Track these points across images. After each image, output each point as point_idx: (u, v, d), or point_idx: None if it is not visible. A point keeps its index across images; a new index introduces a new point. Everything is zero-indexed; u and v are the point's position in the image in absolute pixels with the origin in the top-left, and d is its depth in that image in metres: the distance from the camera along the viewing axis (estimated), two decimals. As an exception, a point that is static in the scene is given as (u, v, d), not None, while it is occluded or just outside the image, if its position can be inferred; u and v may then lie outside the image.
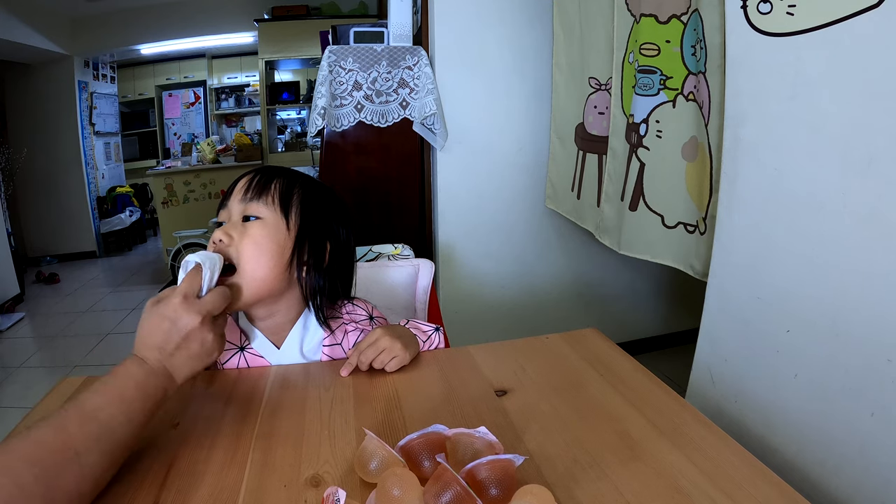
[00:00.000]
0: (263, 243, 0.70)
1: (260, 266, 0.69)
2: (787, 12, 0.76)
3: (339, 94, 1.72)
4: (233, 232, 0.70)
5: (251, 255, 0.69)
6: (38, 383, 2.28)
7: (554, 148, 1.79)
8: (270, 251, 0.70)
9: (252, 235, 0.70)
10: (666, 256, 1.27)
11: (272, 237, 0.71)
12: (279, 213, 0.72)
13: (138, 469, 0.54)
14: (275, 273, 0.71)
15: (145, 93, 5.42)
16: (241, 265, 0.68)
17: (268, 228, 0.71)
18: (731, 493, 0.48)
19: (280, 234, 0.72)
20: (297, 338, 0.78)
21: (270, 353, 0.77)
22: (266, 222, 0.71)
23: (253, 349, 0.77)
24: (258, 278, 0.69)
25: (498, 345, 0.80)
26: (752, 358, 0.90)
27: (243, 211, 0.72)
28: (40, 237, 4.34)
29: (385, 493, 0.44)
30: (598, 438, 0.57)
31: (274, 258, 0.71)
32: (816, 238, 0.76)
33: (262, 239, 0.70)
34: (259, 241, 0.70)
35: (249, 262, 0.69)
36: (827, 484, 0.77)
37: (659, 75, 1.18)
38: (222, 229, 0.70)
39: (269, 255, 0.70)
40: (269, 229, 0.71)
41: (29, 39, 3.65)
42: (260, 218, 0.71)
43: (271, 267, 0.70)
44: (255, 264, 0.69)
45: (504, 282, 2.00)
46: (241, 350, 0.77)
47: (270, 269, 0.70)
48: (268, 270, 0.70)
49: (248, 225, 0.71)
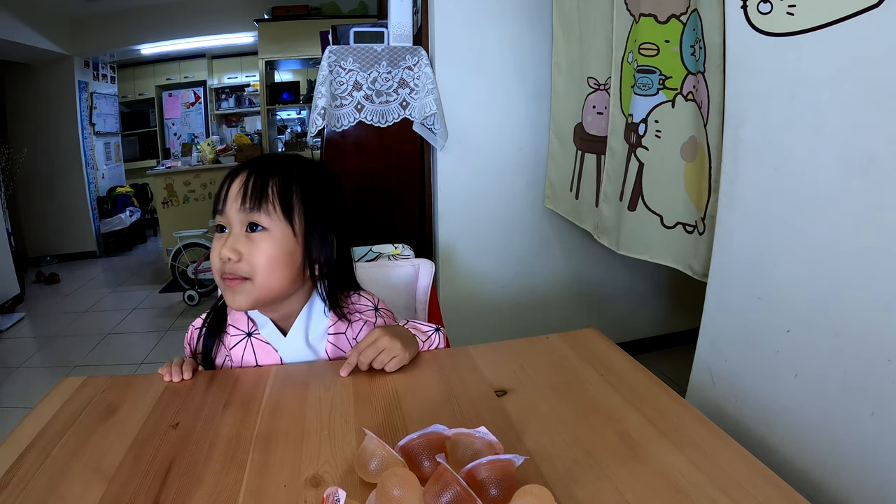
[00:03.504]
0: (275, 256, 0.71)
1: (275, 278, 0.71)
2: (788, 12, 0.76)
3: (339, 94, 1.72)
4: (240, 247, 0.70)
5: (264, 268, 0.70)
6: (38, 383, 2.28)
7: (553, 148, 1.79)
8: (282, 262, 0.71)
9: (262, 250, 0.70)
10: (665, 256, 1.27)
11: (281, 247, 0.71)
12: (284, 221, 0.72)
13: (138, 469, 0.54)
14: (289, 279, 0.73)
15: (145, 93, 5.42)
16: (256, 278, 0.70)
17: (275, 240, 0.71)
18: (731, 493, 0.48)
19: (288, 242, 0.72)
20: (303, 326, 0.79)
21: (277, 339, 0.78)
22: (272, 234, 0.71)
23: (260, 335, 0.78)
24: (274, 288, 0.72)
25: (498, 345, 0.80)
26: (752, 358, 0.90)
27: (245, 220, 0.71)
28: (40, 237, 4.34)
29: (385, 493, 0.44)
30: (598, 438, 0.57)
31: (287, 267, 0.72)
32: (816, 238, 0.76)
33: (273, 251, 0.71)
34: (270, 255, 0.70)
35: (263, 275, 0.70)
36: (827, 484, 0.77)
37: (658, 75, 1.18)
38: (228, 245, 0.70)
39: (281, 266, 0.71)
40: (277, 241, 0.71)
41: (29, 39, 3.65)
42: (265, 229, 0.71)
43: (285, 275, 0.72)
44: (269, 276, 0.71)
45: (504, 282, 2.00)
46: (248, 336, 0.78)
47: (284, 276, 0.72)
48: (282, 279, 0.72)
49: (255, 238, 0.71)
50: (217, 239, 0.74)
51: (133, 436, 0.60)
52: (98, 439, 0.59)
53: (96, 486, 0.51)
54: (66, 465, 0.55)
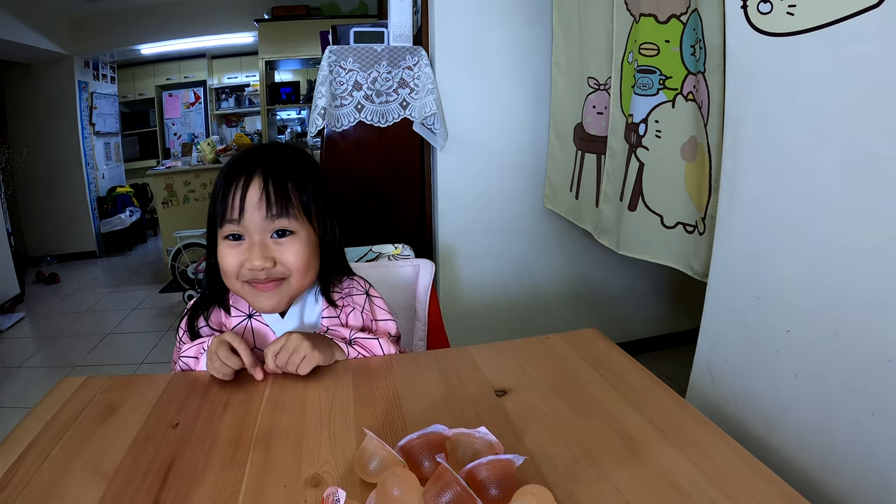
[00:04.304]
0: (307, 256, 0.74)
1: (309, 277, 0.76)
2: (788, 12, 0.76)
3: (340, 94, 1.72)
4: (271, 254, 0.72)
5: (300, 269, 0.73)
6: (38, 383, 2.28)
7: (553, 148, 1.79)
8: (313, 258, 0.76)
9: (296, 253, 0.73)
10: (665, 257, 1.27)
11: (309, 245, 0.75)
12: (307, 223, 0.75)
13: (138, 469, 0.54)
14: (317, 271, 0.78)
15: (145, 93, 5.42)
16: (293, 279, 0.74)
17: (303, 241, 0.74)
18: (731, 493, 0.48)
19: (312, 239, 0.76)
20: (299, 308, 0.82)
21: (275, 322, 0.81)
22: (300, 237, 0.74)
23: (260, 317, 0.80)
24: (306, 285, 0.77)
25: (498, 345, 0.80)
26: (752, 358, 0.90)
27: (271, 228, 0.72)
28: (40, 237, 4.34)
29: (385, 493, 0.44)
30: (598, 438, 0.57)
31: (316, 261, 0.76)
32: (816, 238, 0.76)
33: (305, 252, 0.74)
34: (304, 256, 0.73)
35: (298, 274, 0.74)
36: (827, 484, 0.77)
37: (658, 75, 1.18)
38: (259, 255, 0.70)
39: (313, 262, 0.76)
40: (305, 241, 0.74)
41: (29, 39, 3.65)
42: (294, 233, 0.73)
43: (316, 269, 0.77)
44: (303, 275, 0.74)
45: (504, 282, 2.00)
46: (249, 317, 0.80)
47: (315, 270, 0.77)
48: (314, 273, 0.77)
49: (285, 242, 0.73)
50: (231, 247, 0.72)
51: (133, 436, 0.60)
52: (98, 439, 0.59)
53: (96, 486, 0.51)
54: (66, 465, 0.55)
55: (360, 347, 0.79)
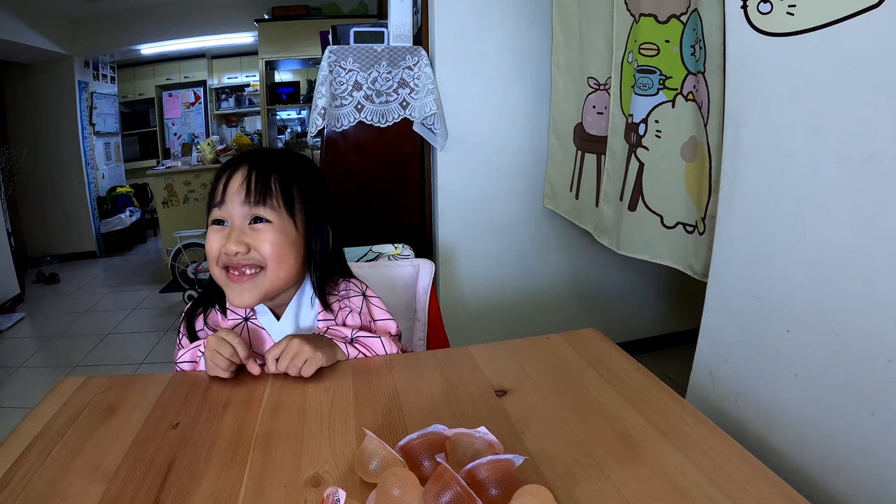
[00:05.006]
0: (281, 245, 0.73)
1: (284, 267, 0.74)
2: (788, 12, 0.76)
3: (340, 94, 1.72)
4: (246, 239, 0.72)
5: (274, 258, 0.73)
6: (38, 383, 2.28)
7: (552, 148, 1.79)
8: (288, 252, 0.74)
9: (268, 240, 0.72)
10: (665, 257, 1.27)
11: (286, 237, 0.74)
12: (286, 215, 0.75)
13: (138, 469, 0.54)
14: (295, 268, 0.76)
15: (145, 93, 5.41)
16: (268, 270, 0.73)
17: (279, 232, 0.74)
18: (731, 493, 0.48)
19: (291, 233, 0.75)
20: (293, 312, 0.82)
21: (271, 324, 0.81)
22: (275, 226, 0.74)
23: (256, 320, 0.81)
24: (282, 278, 0.75)
25: (498, 345, 0.80)
26: (752, 358, 0.90)
27: (249, 214, 0.73)
28: (40, 237, 4.33)
29: (385, 493, 0.44)
30: (598, 438, 0.57)
31: (292, 256, 0.75)
32: (816, 238, 0.76)
33: (279, 241, 0.73)
34: (277, 245, 0.73)
35: (273, 264, 0.73)
36: (827, 484, 0.77)
37: (658, 75, 1.18)
38: (234, 239, 0.71)
39: (287, 257, 0.74)
40: (281, 232, 0.74)
41: (29, 39, 3.65)
42: (269, 221, 0.73)
43: (291, 264, 0.75)
44: (278, 265, 0.73)
45: (504, 282, 2.00)
46: (245, 320, 0.81)
47: (291, 265, 0.75)
48: (288, 269, 0.75)
49: (260, 229, 0.73)
50: (215, 231, 0.74)
51: (133, 436, 0.60)
52: (98, 439, 0.59)
53: (96, 486, 0.51)
54: (66, 465, 0.55)
55: (362, 346, 0.79)
